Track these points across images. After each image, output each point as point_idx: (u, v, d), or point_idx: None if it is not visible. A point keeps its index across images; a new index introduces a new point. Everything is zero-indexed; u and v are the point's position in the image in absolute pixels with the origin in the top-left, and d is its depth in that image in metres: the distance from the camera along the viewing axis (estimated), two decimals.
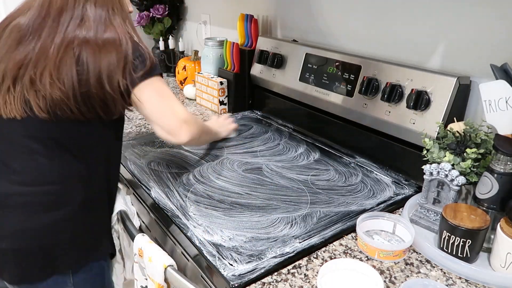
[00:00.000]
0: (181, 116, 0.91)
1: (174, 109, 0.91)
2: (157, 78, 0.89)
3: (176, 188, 1.00)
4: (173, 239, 0.89)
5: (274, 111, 1.52)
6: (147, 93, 0.87)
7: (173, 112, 0.90)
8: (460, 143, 0.84)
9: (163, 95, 0.90)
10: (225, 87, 1.54)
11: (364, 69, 1.13)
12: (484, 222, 0.73)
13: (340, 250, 0.80)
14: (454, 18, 0.99)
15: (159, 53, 2.16)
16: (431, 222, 0.86)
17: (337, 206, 0.93)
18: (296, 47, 1.36)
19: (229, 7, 1.80)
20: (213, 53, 1.64)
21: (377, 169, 1.11)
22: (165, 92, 0.90)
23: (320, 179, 1.05)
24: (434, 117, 0.95)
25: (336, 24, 1.31)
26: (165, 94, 0.90)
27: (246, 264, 0.73)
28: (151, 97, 0.88)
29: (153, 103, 0.89)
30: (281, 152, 1.21)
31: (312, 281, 0.72)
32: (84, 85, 0.80)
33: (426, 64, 1.07)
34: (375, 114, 1.09)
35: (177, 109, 0.91)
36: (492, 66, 0.80)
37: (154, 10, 2.06)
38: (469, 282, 0.72)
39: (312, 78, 1.29)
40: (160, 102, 0.89)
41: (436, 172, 0.83)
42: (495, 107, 0.77)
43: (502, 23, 0.90)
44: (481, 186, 0.78)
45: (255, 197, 0.96)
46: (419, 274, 0.74)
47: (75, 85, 0.79)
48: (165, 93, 0.90)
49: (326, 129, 1.30)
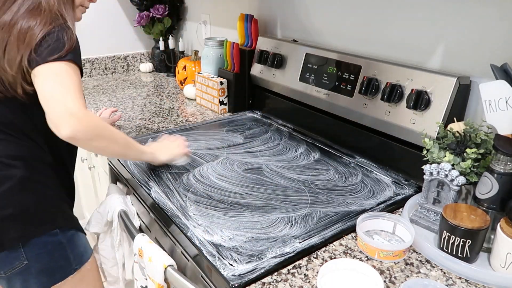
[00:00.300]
0: (69, 107, 0.83)
1: (65, 97, 0.83)
2: (62, 64, 0.86)
3: (176, 188, 1.00)
4: (173, 239, 0.89)
5: (274, 111, 1.52)
6: (43, 76, 0.85)
7: (62, 100, 0.83)
8: (460, 143, 0.84)
9: (60, 81, 0.85)
10: (225, 87, 1.54)
11: (364, 69, 1.13)
12: (484, 222, 0.73)
13: (340, 250, 0.80)
14: (454, 18, 0.99)
15: (159, 53, 2.16)
16: (431, 222, 0.86)
17: (337, 206, 0.93)
18: (296, 47, 1.36)
19: (229, 7, 1.80)
20: (213, 53, 1.64)
21: (377, 169, 1.11)
22: (64, 79, 0.86)
23: (320, 179, 1.05)
24: (434, 117, 0.95)
25: (336, 24, 1.31)
26: (63, 81, 0.85)
27: (246, 264, 0.73)
28: (45, 80, 0.85)
29: (45, 87, 0.85)
30: (281, 152, 1.21)
31: (312, 281, 0.72)
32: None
33: (426, 64, 1.07)
34: (375, 114, 1.09)
35: (68, 98, 0.83)
36: (492, 66, 0.80)
37: (154, 10, 2.07)
38: (469, 282, 0.72)
39: (312, 78, 1.29)
40: (52, 87, 0.85)
41: (436, 172, 0.83)
42: (495, 107, 0.77)
43: (502, 23, 0.90)
44: (481, 186, 0.78)
45: (255, 197, 0.96)
46: (419, 274, 0.74)
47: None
48: (64, 80, 0.85)
49: (326, 129, 1.30)
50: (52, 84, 0.85)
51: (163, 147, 1.12)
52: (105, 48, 2.18)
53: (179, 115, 1.54)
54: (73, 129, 0.82)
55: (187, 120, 1.49)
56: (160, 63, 2.20)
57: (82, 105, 0.85)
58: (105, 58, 2.18)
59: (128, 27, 2.23)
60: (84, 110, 0.85)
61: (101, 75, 2.19)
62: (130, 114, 1.54)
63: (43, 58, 0.85)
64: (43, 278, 0.96)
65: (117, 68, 2.23)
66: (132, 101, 1.71)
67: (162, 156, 1.08)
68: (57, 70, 0.86)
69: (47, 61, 0.85)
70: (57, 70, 0.86)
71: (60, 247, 0.98)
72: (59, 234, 0.97)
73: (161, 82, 2.03)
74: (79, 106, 0.84)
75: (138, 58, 2.29)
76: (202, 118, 1.51)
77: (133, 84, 2.01)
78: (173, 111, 1.58)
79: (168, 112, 1.57)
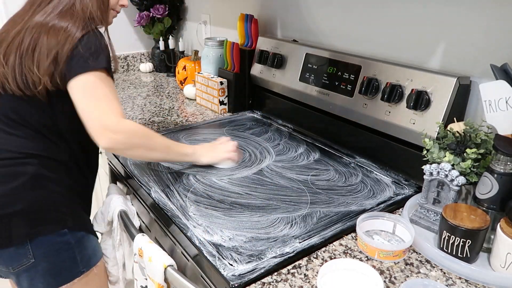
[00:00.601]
0: (103, 121, 0.88)
1: (99, 112, 0.88)
2: (95, 75, 0.89)
3: (176, 188, 1.00)
4: (173, 239, 0.89)
5: (274, 111, 1.52)
6: (77, 90, 0.88)
7: (96, 115, 0.88)
8: (460, 143, 0.84)
9: (94, 95, 0.89)
10: (225, 87, 1.54)
11: (364, 69, 1.13)
12: (484, 222, 0.73)
13: (340, 250, 0.80)
14: (454, 18, 0.99)
15: (159, 53, 2.16)
16: (431, 222, 0.86)
17: (337, 206, 0.93)
18: (296, 47, 1.36)
19: (229, 7, 1.80)
20: (213, 53, 1.64)
21: (377, 169, 1.11)
22: (97, 92, 0.89)
23: (320, 179, 1.05)
24: (434, 117, 0.95)
25: (336, 24, 1.31)
26: (97, 94, 0.89)
27: (246, 264, 0.73)
28: (79, 94, 0.88)
29: (80, 102, 0.89)
30: (281, 152, 1.21)
31: (312, 281, 0.72)
32: (19, 64, 0.88)
33: (426, 64, 1.07)
34: (375, 114, 1.09)
35: (102, 112, 0.88)
36: (492, 66, 0.80)
37: (154, 10, 2.07)
38: (469, 282, 0.72)
39: (312, 78, 1.29)
40: (87, 103, 0.89)
41: (436, 172, 0.83)
42: (495, 107, 0.77)
43: (502, 23, 0.90)
44: (481, 186, 0.78)
45: (255, 197, 0.96)
46: (419, 274, 0.74)
47: (16, 63, 0.88)
48: (97, 93, 0.89)
49: (326, 129, 1.30)
50: (87, 100, 0.88)
51: (208, 148, 1.10)
52: None
53: (179, 115, 1.54)
54: (109, 142, 0.88)
55: (187, 120, 1.49)
56: (160, 63, 2.20)
57: (116, 116, 0.89)
58: None
59: (128, 27, 2.23)
60: (118, 121, 0.89)
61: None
62: (130, 114, 1.54)
63: (76, 70, 0.87)
64: (49, 278, 0.96)
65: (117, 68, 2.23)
66: (132, 101, 1.71)
67: (204, 158, 1.08)
68: (90, 83, 0.88)
69: (80, 73, 0.87)
70: (90, 83, 0.88)
71: (67, 248, 0.97)
72: (68, 234, 0.97)
73: (161, 82, 2.03)
74: (113, 119, 0.88)
75: (138, 58, 2.29)
76: (202, 118, 1.51)
77: (133, 84, 2.01)
78: (173, 111, 1.58)
79: (168, 112, 1.57)
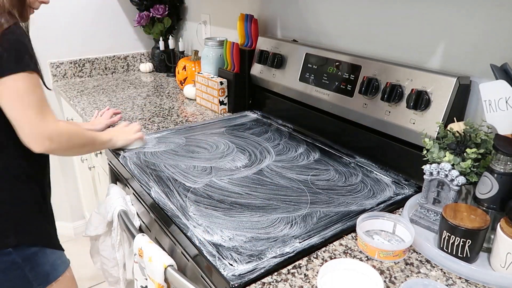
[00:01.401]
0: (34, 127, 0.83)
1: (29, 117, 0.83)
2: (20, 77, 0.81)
3: (176, 188, 1.00)
4: (173, 239, 0.89)
5: (274, 111, 1.52)
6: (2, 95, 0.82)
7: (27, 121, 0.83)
8: (460, 143, 0.84)
9: (21, 99, 0.82)
10: (225, 87, 1.54)
11: (364, 69, 1.13)
12: (484, 222, 0.73)
13: (340, 250, 0.80)
14: (454, 18, 0.99)
15: (159, 53, 2.16)
16: (431, 222, 0.86)
17: (337, 206, 0.93)
18: (296, 47, 1.36)
19: (229, 7, 1.80)
20: (213, 53, 1.64)
21: (377, 169, 1.11)
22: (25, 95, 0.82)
23: (320, 179, 1.05)
24: (434, 117, 0.95)
25: (336, 24, 1.31)
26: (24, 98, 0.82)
27: (246, 264, 0.73)
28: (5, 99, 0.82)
29: (7, 107, 0.83)
30: (281, 152, 1.21)
31: (312, 281, 0.72)
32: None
33: (426, 64, 1.07)
34: (375, 114, 1.09)
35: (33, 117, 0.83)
36: (492, 66, 0.80)
37: (154, 10, 2.07)
38: (469, 282, 0.72)
39: (312, 78, 1.29)
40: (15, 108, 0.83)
41: (436, 172, 0.83)
42: (495, 107, 0.77)
43: (502, 23, 0.90)
44: (481, 186, 0.78)
45: (255, 197, 0.96)
46: (419, 274, 0.74)
47: None
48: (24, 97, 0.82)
49: (326, 129, 1.30)
50: (14, 105, 0.82)
51: (119, 132, 1.19)
52: (105, 48, 2.18)
53: (179, 115, 1.54)
54: (44, 148, 0.86)
55: (187, 120, 1.49)
56: (160, 63, 2.20)
57: (48, 121, 0.85)
58: (105, 58, 2.18)
59: (128, 27, 2.23)
60: (50, 126, 0.85)
61: (101, 75, 2.19)
62: (130, 114, 1.54)
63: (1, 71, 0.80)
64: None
65: (117, 68, 2.23)
66: (132, 101, 1.71)
67: (119, 142, 1.17)
68: (16, 86, 0.82)
69: (3, 76, 0.80)
70: (16, 86, 0.82)
71: (15, 267, 0.93)
72: (13, 253, 0.92)
73: (161, 82, 2.03)
74: (45, 124, 0.84)
75: (138, 58, 2.29)
76: (202, 118, 1.51)
77: (133, 84, 2.01)
78: (173, 111, 1.58)
79: (168, 112, 1.57)
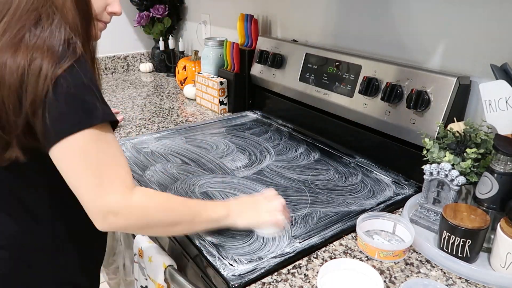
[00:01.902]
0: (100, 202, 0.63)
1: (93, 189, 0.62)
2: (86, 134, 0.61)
3: (176, 188, 1.00)
4: (173, 239, 0.89)
5: (274, 111, 1.52)
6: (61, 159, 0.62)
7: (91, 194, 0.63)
8: (460, 143, 0.84)
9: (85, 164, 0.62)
10: (225, 87, 1.54)
11: (364, 69, 1.13)
12: (484, 222, 0.73)
13: (340, 250, 0.80)
14: (454, 18, 0.99)
15: (159, 53, 2.16)
16: (431, 222, 0.86)
17: (337, 206, 0.93)
18: (296, 47, 1.36)
19: (229, 7, 1.80)
20: (213, 53, 1.64)
21: (377, 169, 1.11)
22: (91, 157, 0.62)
23: (320, 179, 1.05)
24: (434, 117, 0.95)
25: (336, 24, 1.31)
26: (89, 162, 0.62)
27: (246, 264, 0.73)
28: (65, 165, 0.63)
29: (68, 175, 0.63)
30: (281, 152, 1.21)
31: (312, 281, 0.72)
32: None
33: (426, 64, 1.07)
34: (375, 114, 1.09)
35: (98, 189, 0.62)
36: (492, 66, 0.80)
37: (154, 10, 2.07)
38: (469, 282, 0.72)
39: (312, 78, 1.29)
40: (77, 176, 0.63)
41: (436, 172, 0.83)
42: (495, 107, 0.77)
43: (502, 23, 0.90)
44: (481, 186, 0.78)
45: None
46: (419, 274, 0.74)
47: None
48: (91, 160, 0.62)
49: (326, 129, 1.30)
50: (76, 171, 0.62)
51: (248, 205, 0.83)
52: (105, 48, 2.17)
53: (179, 115, 1.54)
54: (111, 227, 0.65)
55: (187, 120, 1.49)
56: (160, 63, 2.20)
57: (119, 192, 0.64)
58: (105, 58, 2.18)
59: (128, 27, 2.23)
60: (122, 199, 0.64)
61: (101, 75, 2.19)
62: (130, 114, 1.54)
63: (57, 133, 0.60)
64: None
65: (117, 68, 2.23)
66: (132, 101, 1.71)
67: (241, 220, 0.80)
68: (79, 146, 0.61)
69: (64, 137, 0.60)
70: (79, 146, 0.61)
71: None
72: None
73: (161, 82, 2.03)
74: (115, 198, 0.63)
75: (138, 58, 2.29)
76: (202, 118, 1.51)
77: (133, 84, 2.01)
78: (173, 111, 1.58)
79: (168, 112, 1.57)
